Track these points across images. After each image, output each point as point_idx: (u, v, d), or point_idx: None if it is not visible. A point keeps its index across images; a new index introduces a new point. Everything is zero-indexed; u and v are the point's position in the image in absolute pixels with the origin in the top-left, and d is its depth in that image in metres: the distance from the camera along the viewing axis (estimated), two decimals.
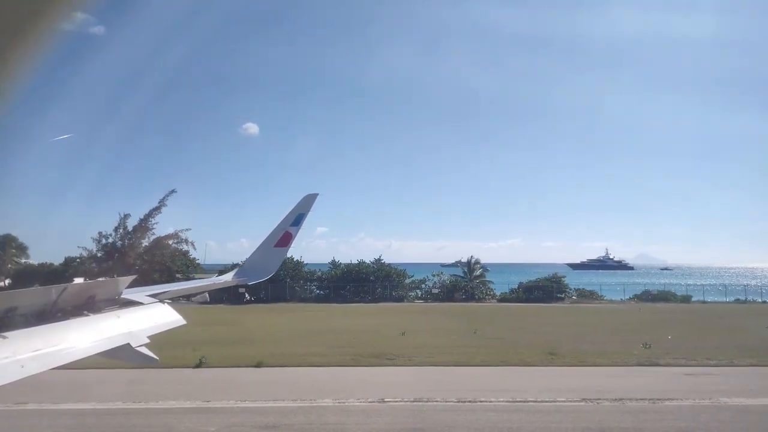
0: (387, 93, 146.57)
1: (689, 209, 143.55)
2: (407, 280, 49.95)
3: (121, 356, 3.33)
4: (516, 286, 50.50)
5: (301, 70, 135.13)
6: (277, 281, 47.64)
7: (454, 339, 22.29)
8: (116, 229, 52.31)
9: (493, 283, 52.64)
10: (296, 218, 6.72)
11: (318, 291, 50.49)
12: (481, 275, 52.82)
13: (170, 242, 52.63)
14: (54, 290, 3.16)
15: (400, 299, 47.42)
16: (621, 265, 66.77)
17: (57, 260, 55.90)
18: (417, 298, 48.93)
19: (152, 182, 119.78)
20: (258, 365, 16.20)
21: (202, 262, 56.09)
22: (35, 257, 57.47)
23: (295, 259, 49.61)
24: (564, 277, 52.36)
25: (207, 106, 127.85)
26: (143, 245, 52.23)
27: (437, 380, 14.57)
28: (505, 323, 28.80)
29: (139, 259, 51.14)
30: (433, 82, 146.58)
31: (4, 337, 2.60)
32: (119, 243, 51.92)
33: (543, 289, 48.29)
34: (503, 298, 48.40)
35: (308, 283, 50.83)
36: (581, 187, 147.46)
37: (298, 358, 17.48)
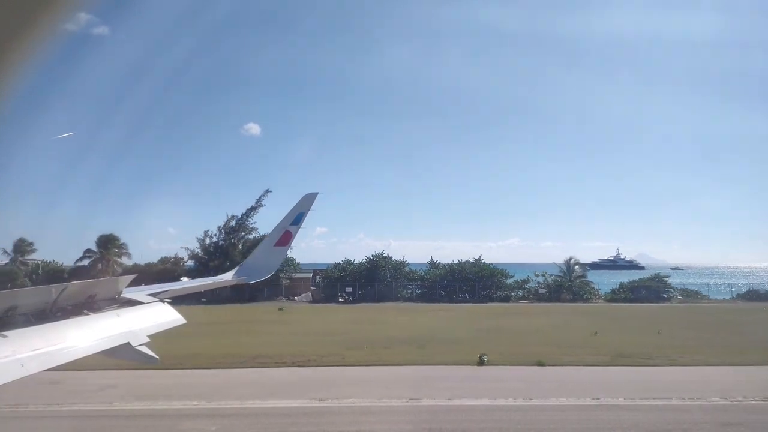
0: (388, 93, 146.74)
1: (687, 209, 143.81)
2: (509, 281, 49.31)
3: (121, 355, 3.33)
4: (617, 287, 50.01)
5: (303, 71, 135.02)
6: (381, 281, 48.72)
7: (657, 338, 21.70)
8: (221, 229, 53.26)
9: (593, 283, 51.75)
10: (296, 217, 6.73)
11: (416, 291, 49.84)
12: (583, 275, 52.18)
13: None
14: (54, 289, 3.15)
15: (505, 299, 46.67)
16: (632, 265, 66.53)
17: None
18: (521, 298, 47.95)
19: (154, 182, 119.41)
20: (540, 364, 16.06)
21: None
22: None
23: (396, 259, 50.37)
24: (668, 276, 51.55)
25: (208, 106, 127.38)
26: (246, 244, 52.72)
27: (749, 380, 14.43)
28: (666, 323, 27.22)
29: (240, 257, 51.98)
30: (433, 82, 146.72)
31: (5, 336, 2.59)
32: (222, 242, 52.95)
33: (648, 288, 47.57)
34: (612, 298, 47.27)
35: (410, 283, 50.48)
36: (580, 186, 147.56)
37: (566, 358, 17.20)
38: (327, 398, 12.30)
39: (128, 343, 3.32)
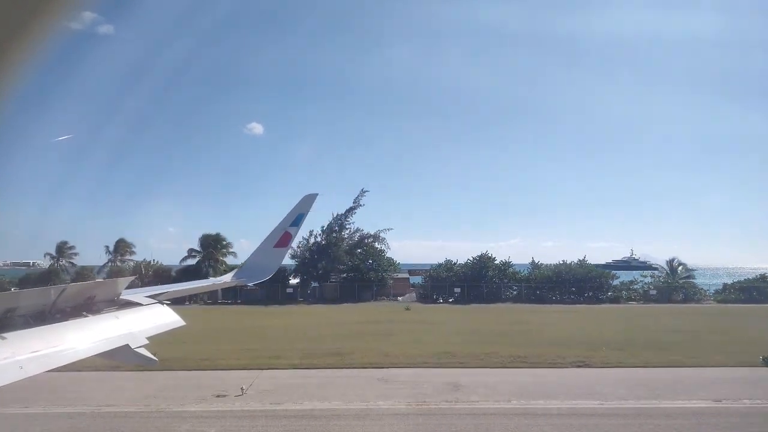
0: (390, 92, 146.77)
1: (688, 209, 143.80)
2: (614, 282, 49.23)
3: (120, 357, 3.32)
4: (720, 287, 49.83)
5: (306, 70, 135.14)
6: (487, 281, 49.25)
7: None
8: (324, 229, 54.25)
9: (699, 283, 51.51)
10: (296, 218, 6.72)
11: (523, 291, 49.78)
12: (689, 276, 51.88)
13: (370, 241, 54.51)
14: (53, 291, 3.16)
15: (615, 300, 46.52)
16: (646, 266, 66.65)
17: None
18: (629, 299, 47.44)
19: (156, 180, 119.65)
20: None
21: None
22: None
23: (501, 260, 50.87)
24: None
25: (212, 105, 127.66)
26: (347, 244, 54.09)
27: None
28: None
29: (345, 257, 53.04)
30: (434, 82, 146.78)
31: (4, 338, 2.59)
32: (324, 242, 53.73)
33: (758, 289, 47.02)
34: (722, 299, 46.61)
35: (516, 283, 50.68)
36: (581, 186, 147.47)
37: None
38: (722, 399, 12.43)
39: (127, 345, 3.32)
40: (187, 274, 52.12)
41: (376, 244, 54.65)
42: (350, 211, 54.69)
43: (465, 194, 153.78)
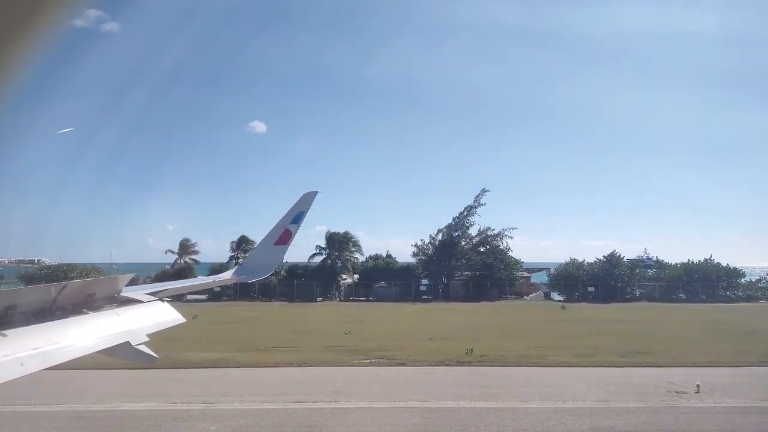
0: (394, 91, 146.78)
1: (688, 207, 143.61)
2: (741, 280, 49.86)
3: (120, 354, 3.33)
4: None
5: (309, 69, 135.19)
6: (617, 280, 49.91)
7: None
8: (450, 228, 55.77)
9: None
10: (296, 216, 6.73)
11: (655, 290, 50.46)
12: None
13: (494, 241, 55.71)
14: (53, 288, 3.16)
15: (747, 299, 46.88)
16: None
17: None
18: (759, 298, 47.97)
19: (157, 179, 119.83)
20: None
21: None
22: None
23: (628, 259, 52.49)
24: None
25: (214, 103, 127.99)
26: (471, 242, 55.58)
27: None
28: None
29: (469, 254, 54.54)
30: (435, 81, 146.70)
31: (4, 335, 2.60)
32: (447, 241, 55.10)
33: None
34: None
35: (647, 282, 51.36)
36: (580, 185, 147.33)
37: None
38: None
39: (128, 342, 3.33)
40: (317, 272, 54.38)
41: (499, 242, 55.53)
42: (470, 209, 55.63)
43: (464, 193, 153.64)
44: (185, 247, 59.29)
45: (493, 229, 55.67)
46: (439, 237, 55.87)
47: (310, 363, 17.25)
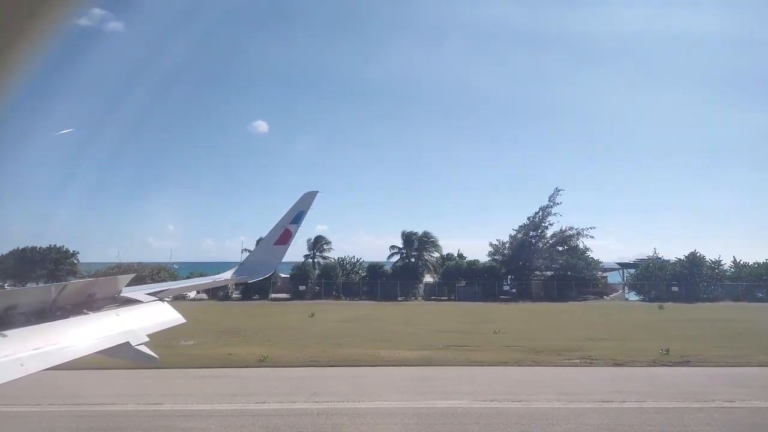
0: (396, 91, 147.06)
1: (687, 208, 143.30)
2: None
3: (120, 355, 3.34)
4: None
5: (312, 68, 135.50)
6: (698, 279, 50.28)
7: None
8: (527, 228, 56.34)
9: None
10: (296, 216, 6.74)
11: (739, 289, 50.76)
12: None
13: (571, 240, 55.91)
14: (53, 288, 3.16)
15: None
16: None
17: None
18: None
19: (159, 178, 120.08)
20: None
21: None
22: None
23: (711, 259, 52.38)
24: None
25: (217, 103, 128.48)
26: (548, 242, 55.97)
27: None
28: None
29: (551, 254, 55.11)
30: (437, 81, 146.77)
31: (4, 336, 2.60)
32: (524, 240, 55.72)
33: None
34: None
35: (729, 282, 51.41)
36: (579, 184, 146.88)
37: None
38: None
39: (128, 343, 3.34)
40: (400, 271, 55.46)
41: (577, 241, 55.77)
42: (546, 209, 56.13)
43: (462, 193, 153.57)
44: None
45: (573, 229, 55.91)
46: (518, 236, 56.42)
47: (523, 363, 16.92)
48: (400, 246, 58.32)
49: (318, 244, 59.81)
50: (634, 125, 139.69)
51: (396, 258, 58.20)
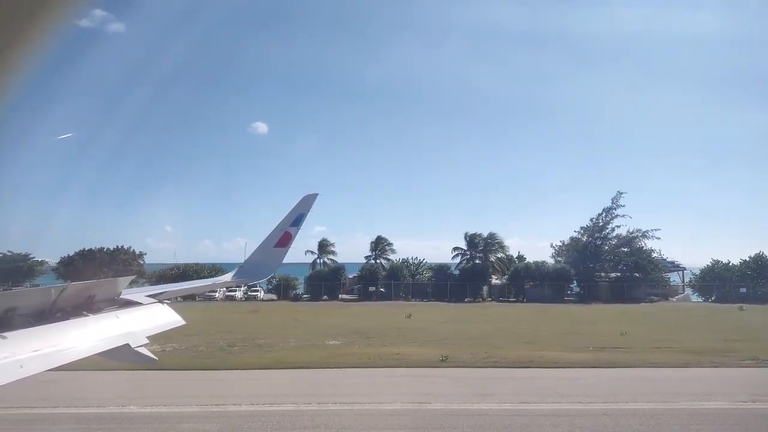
0: (396, 92, 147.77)
1: (687, 208, 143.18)
2: None
3: (120, 357, 3.33)
4: None
5: (311, 69, 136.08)
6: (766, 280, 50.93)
7: None
8: (590, 229, 56.42)
9: None
10: (296, 218, 6.72)
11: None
12: None
13: (638, 241, 55.80)
14: (53, 290, 3.16)
15: None
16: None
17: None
18: None
19: (159, 179, 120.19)
20: None
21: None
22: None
23: None
24: None
25: (216, 104, 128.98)
26: (613, 243, 55.81)
27: None
28: None
29: (619, 255, 54.92)
30: (437, 81, 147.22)
31: (4, 338, 2.60)
32: (589, 242, 56.02)
33: None
34: None
35: None
36: (578, 185, 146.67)
37: None
38: None
39: (127, 345, 3.33)
40: (467, 272, 55.58)
41: (641, 243, 55.66)
42: (609, 211, 55.97)
43: (462, 193, 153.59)
44: (324, 247, 61.31)
45: (638, 230, 56.00)
46: (583, 238, 56.74)
47: (702, 364, 16.92)
48: (464, 248, 58.27)
49: (380, 245, 60.04)
50: (632, 125, 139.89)
51: (458, 259, 58.29)
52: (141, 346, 3.42)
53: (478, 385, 14.04)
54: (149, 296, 4.31)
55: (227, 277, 6.98)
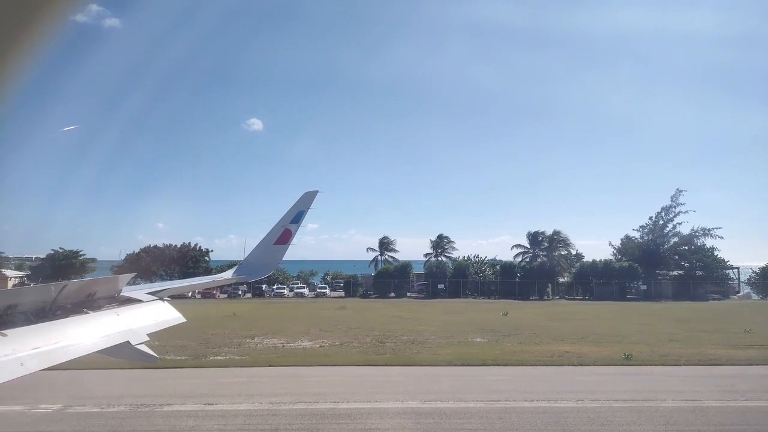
0: (392, 90, 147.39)
1: (687, 208, 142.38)
2: None
3: (120, 354, 3.33)
4: None
5: (307, 67, 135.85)
6: None
7: None
8: (652, 228, 56.63)
9: None
10: (296, 215, 6.70)
11: None
12: None
13: (698, 240, 55.81)
14: (54, 288, 3.16)
15: None
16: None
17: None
18: None
19: (153, 175, 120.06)
20: None
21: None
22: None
23: None
24: None
25: (212, 100, 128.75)
26: (675, 241, 56.01)
27: None
28: None
29: (684, 254, 55.17)
30: (435, 80, 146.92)
31: (5, 335, 2.60)
32: (649, 240, 56.19)
33: None
34: None
35: None
36: (577, 184, 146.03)
37: None
38: None
39: (128, 342, 3.33)
40: (533, 270, 55.39)
41: (701, 241, 55.69)
42: (668, 210, 56.38)
43: (461, 192, 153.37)
44: (385, 245, 61.89)
45: (701, 229, 55.90)
46: (644, 237, 56.84)
47: None
48: (527, 245, 57.98)
49: (441, 243, 59.65)
50: (632, 125, 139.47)
51: (520, 258, 57.96)
52: (141, 343, 3.42)
53: (717, 383, 13.92)
54: (150, 293, 4.31)
55: (227, 274, 6.97)
